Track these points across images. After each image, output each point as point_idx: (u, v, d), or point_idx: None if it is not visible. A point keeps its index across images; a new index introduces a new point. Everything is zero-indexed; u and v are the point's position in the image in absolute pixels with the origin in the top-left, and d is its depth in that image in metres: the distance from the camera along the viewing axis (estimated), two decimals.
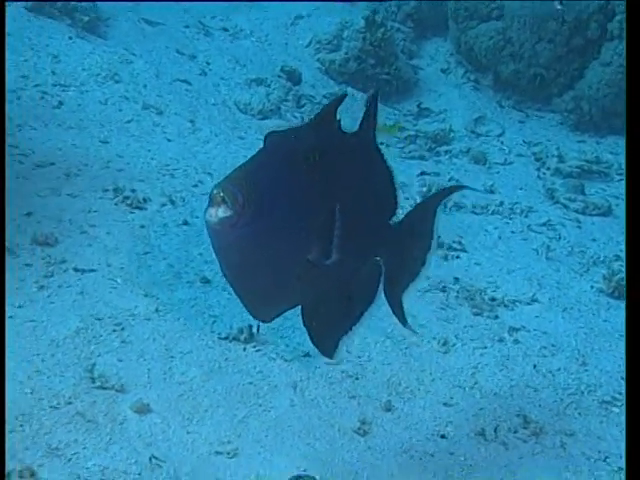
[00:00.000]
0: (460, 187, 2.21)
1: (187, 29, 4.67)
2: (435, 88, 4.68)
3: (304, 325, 1.80)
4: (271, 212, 1.57)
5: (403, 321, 1.97)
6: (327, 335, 1.83)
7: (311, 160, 1.64)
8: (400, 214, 1.89)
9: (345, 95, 1.84)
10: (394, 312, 1.97)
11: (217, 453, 2.18)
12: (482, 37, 4.50)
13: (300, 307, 1.83)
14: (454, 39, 4.73)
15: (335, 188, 1.68)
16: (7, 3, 3.85)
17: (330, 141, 1.70)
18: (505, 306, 2.97)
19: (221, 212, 1.53)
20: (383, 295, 1.96)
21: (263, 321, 1.79)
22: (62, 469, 1.93)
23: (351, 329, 1.87)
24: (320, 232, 1.65)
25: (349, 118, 4.89)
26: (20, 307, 2.53)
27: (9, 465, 1.71)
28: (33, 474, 1.73)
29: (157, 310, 2.68)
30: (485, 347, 2.75)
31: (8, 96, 3.57)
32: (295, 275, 1.67)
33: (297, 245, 1.65)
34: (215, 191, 1.52)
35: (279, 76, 4.41)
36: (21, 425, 2.06)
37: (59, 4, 4.13)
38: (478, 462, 2.25)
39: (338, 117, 1.74)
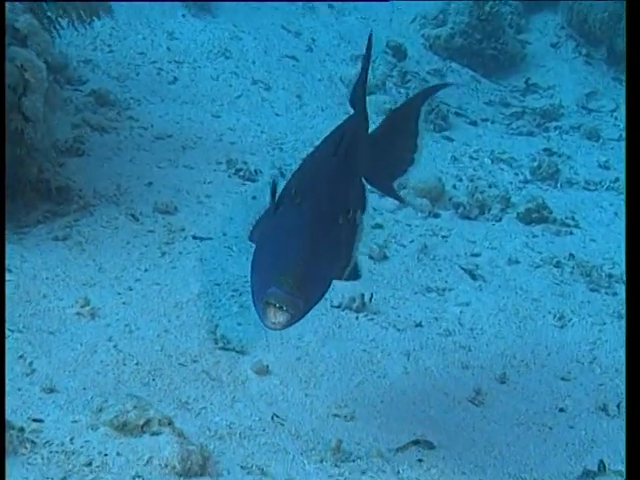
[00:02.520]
0: (444, 85, 2.24)
1: (293, 6, 4.72)
2: (544, 63, 4.56)
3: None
4: (316, 286, 1.68)
5: (398, 199, 2.16)
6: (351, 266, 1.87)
7: (347, 218, 1.73)
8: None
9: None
10: (389, 196, 2.10)
11: (335, 416, 2.23)
12: (597, 8, 4.34)
13: None
14: (566, 12, 4.58)
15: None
16: None
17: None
18: (624, 283, 2.89)
19: (281, 318, 1.62)
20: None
21: None
22: (193, 422, 2.02)
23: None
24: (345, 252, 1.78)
25: (455, 96, 4.77)
26: (146, 271, 2.66)
27: (149, 413, 1.81)
28: (171, 423, 1.83)
29: None
30: (604, 323, 2.69)
31: (128, 72, 3.72)
32: None
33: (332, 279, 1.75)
34: (277, 304, 1.60)
35: (384, 52, 4.40)
36: (154, 379, 2.16)
37: None
38: (600, 437, 2.21)
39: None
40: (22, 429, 1.71)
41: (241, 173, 3.33)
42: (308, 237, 1.66)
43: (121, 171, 3.11)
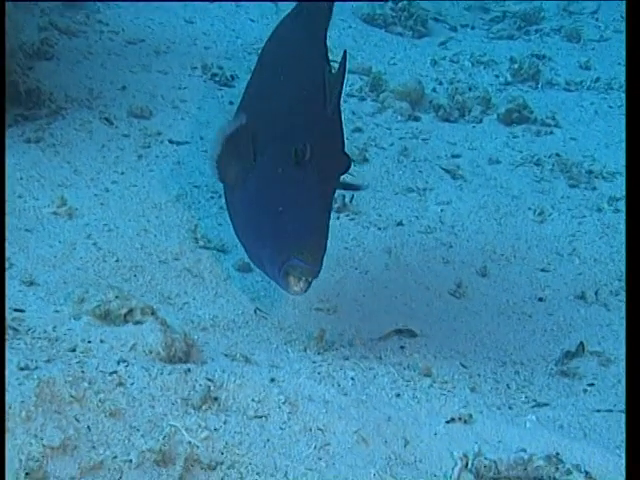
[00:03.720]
0: None
1: None
2: None
3: None
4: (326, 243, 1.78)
5: None
6: None
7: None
8: None
9: None
10: None
11: (317, 309, 2.24)
12: None
13: None
14: None
15: None
16: None
17: None
18: (603, 178, 2.90)
19: (303, 285, 1.73)
20: None
21: None
22: (176, 314, 2.02)
23: None
24: None
25: (434, 1, 4.63)
26: (122, 173, 2.61)
27: (131, 303, 1.80)
28: (154, 313, 1.82)
29: None
30: (583, 216, 2.71)
31: None
32: None
33: None
34: (303, 277, 1.71)
35: None
36: (135, 275, 2.15)
37: None
38: (578, 322, 2.25)
39: None
40: None
41: (217, 78, 3.26)
42: (322, 203, 1.74)
43: (93, 75, 3.02)
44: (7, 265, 2.02)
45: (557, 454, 1.59)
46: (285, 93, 1.90)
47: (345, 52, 1.85)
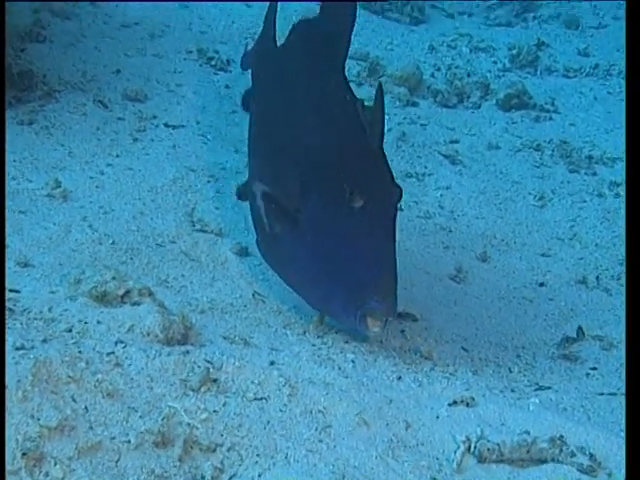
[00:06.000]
0: None
1: None
2: None
3: None
4: None
5: None
6: None
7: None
8: None
9: None
10: None
11: None
12: None
13: None
14: None
15: None
16: None
17: None
18: (604, 163, 2.88)
19: (381, 325, 1.78)
20: None
21: None
22: (174, 297, 1.99)
23: None
24: None
25: None
26: (117, 156, 2.58)
27: (128, 284, 1.76)
28: (151, 294, 1.79)
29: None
30: (584, 201, 2.69)
31: None
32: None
33: None
34: (381, 318, 1.76)
35: None
36: (131, 258, 2.12)
37: None
38: (579, 307, 2.23)
39: None
40: None
41: (212, 62, 3.23)
42: (385, 239, 1.75)
43: (86, 58, 2.98)
44: None
45: (561, 436, 1.57)
46: (319, 133, 1.87)
47: (380, 84, 1.84)
